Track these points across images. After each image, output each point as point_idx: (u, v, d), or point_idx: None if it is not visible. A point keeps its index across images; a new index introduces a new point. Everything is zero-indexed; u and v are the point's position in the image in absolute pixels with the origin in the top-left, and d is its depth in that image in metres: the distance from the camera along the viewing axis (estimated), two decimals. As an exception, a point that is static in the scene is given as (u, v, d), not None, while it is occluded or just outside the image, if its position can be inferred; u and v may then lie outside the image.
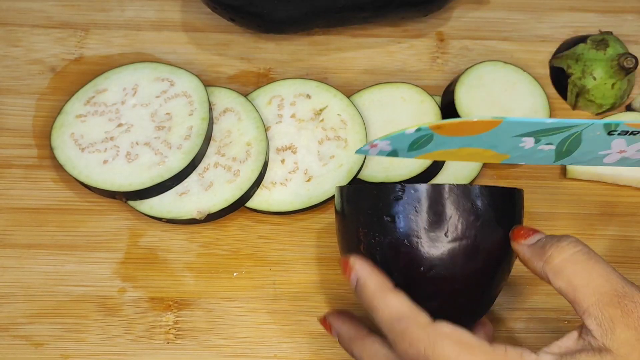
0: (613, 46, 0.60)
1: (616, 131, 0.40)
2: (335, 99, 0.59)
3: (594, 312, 0.39)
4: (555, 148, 0.42)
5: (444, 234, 0.43)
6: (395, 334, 0.41)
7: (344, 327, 0.47)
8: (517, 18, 0.67)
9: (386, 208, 0.44)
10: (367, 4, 0.62)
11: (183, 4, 0.67)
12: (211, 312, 0.53)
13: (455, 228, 0.43)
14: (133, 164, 0.55)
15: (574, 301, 0.40)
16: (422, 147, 0.44)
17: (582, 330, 0.40)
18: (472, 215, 0.43)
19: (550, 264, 0.41)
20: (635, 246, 0.56)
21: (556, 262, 0.41)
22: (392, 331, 0.41)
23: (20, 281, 0.54)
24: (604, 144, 0.42)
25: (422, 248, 0.43)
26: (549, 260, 0.41)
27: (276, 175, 0.57)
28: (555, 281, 0.41)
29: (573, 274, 0.40)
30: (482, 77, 0.60)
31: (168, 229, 0.56)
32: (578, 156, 0.43)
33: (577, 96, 0.61)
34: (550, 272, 0.41)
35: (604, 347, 0.39)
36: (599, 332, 0.39)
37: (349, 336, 0.47)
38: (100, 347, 0.51)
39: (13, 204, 0.57)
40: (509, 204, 0.45)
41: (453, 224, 0.43)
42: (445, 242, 0.43)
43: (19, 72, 0.63)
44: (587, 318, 0.40)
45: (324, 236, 0.56)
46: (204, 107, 0.57)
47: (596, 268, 0.40)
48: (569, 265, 0.41)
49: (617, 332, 0.39)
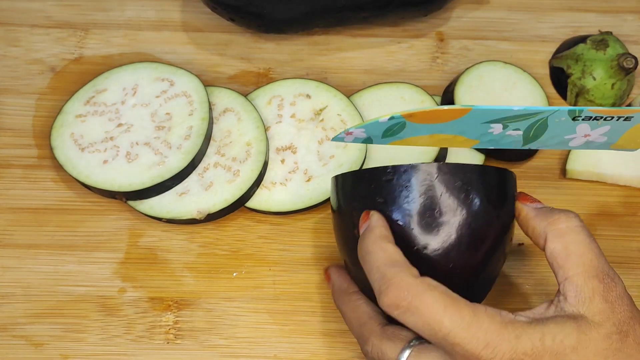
0: (613, 46, 0.60)
1: (580, 117, 0.42)
2: (335, 99, 0.59)
3: (577, 280, 0.41)
4: (522, 133, 0.44)
5: (436, 212, 0.43)
6: (384, 280, 0.41)
7: (338, 280, 0.49)
8: (517, 18, 0.67)
9: (378, 190, 0.44)
10: (367, 3, 0.62)
11: (183, 4, 0.67)
12: (211, 312, 0.53)
13: (447, 206, 0.43)
14: (133, 164, 0.55)
15: (562, 265, 0.42)
16: (395, 134, 0.45)
17: (554, 300, 0.42)
18: (462, 192, 0.43)
19: (555, 225, 0.43)
20: (634, 246, 0.56)
21: (561, 226, 0.43)
22: (383, 277, 0.41)
23: (20, 281, 0.54)
24: (570, 129, 0.44)
25: (415, 227, 0.43)
26: (554, 222, 0.43)
27: (276, 175, 0.57)
28: (553, 242, 0.43)
29: (572, 241, 0.42)
30: (482, 77, 0.60)
31: (168, 229, 0.56)
32: (545, 140, 0.45)
33: (577, 96, 0.61)
34: (551, 233, 0.43)
35: (579, 313, 0.40)
36: (577, 299, 0.41)
37: (340, 289, 0.48)
38: (100, 347, 0.51)
39: (13, 204, 0.57)
40: (500, 183, 0.45)
41: (444, 202, 0.43)
42: (438, 220, 0.43)
43: (19, 72, 0.63)
44: (568, 284, 0.41)
45: (324, 236, 0.56)
46: (204, 107, 0.57)
47: (592, 246, 0.42)
48: (571, 233, 0.43)
49: (595, 302, 0.40)
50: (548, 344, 0.39)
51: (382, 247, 0.42)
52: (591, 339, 0.39)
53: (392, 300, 0.40)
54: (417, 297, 0.39)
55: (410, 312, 0.39)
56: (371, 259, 0.42)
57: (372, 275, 0.42)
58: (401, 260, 0.42)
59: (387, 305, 0.40)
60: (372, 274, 0.42)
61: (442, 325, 0.39)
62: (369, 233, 0.43)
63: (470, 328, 0.39)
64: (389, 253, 0.42)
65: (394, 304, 0.40)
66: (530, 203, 0.45)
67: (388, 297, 0.40)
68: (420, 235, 0.43)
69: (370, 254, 0.42)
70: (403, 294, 0.40)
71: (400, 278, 0.40)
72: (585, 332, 0.40)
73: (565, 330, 0.40)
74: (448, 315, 0.39)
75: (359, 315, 0.46)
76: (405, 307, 0.40)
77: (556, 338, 0.39)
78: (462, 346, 0.39)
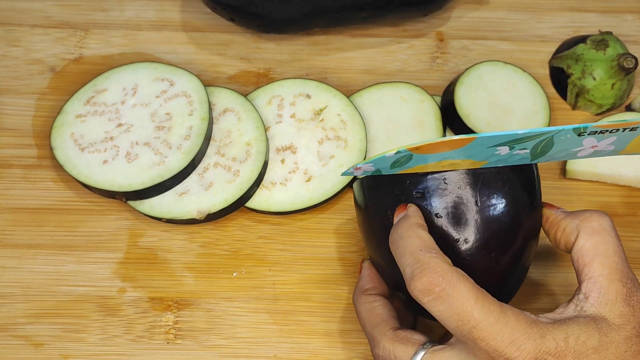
0: (613, 46, 0.60)
1: (585, 132, 0.42)
2: (335, 98, 0.59)
3: (602, 282, 0.41)
4: (529, 151, 0.45)
5: (475, 203, 0.44)
6: (419, 264, 0.40)
7: (365, 277, 0.49)
8: (517, 18, 0.67)
9: (414, 184, 0.44)
10: (367, 4, 0.62)
11: (183, 3, 0.67)
12: (211, 312, 0.53)
13: (484, 199, 0.44)
14: (133, 164, 0.55)
15: (588, 264, 0.42)
16: (403, 164, 0.46)
17: (574, 299, 0.42)
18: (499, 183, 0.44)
19: (588, 222, 0.43)
20: (635, 247, 0.56)
21: (594, 224, 0.43)
22: (417, 261, 0.40)
23: (20, 281, 0.54)
24: (576, 143, 0.45)
25: (455, 219, 0.44)
26: (587, 220, 0.43)
27: (276, 175, 0.57)
28: (584, 239, 0.43)
29: (602, 241, 0.43)
30: (482, 77, 0.60)
31: (168, 229, 0.56)
32: (553, 154, 0.46)
33: (577, 96, 0.61)
34: (584, 230, 0.43)
35: (600, 315, 0.41)
36: (599, 300, 0.41)
37: (362, 288, 0.48)
38: (100, 347, 0.51)
39: (13, 204, 0.57)
40: (534, 177, 0.46)
41: (481, 195, 0.44)
42: (476, 211, 0.43)
43: (19, 72, 0.63)
44: (592, 284, 0.42)
45: (324, 236, 0.56)
46: (204, 107, 0.57)
47: (619, 249, 0.43)
48: (603, 232, 0.43)
49: (617, 304, 0.41)
50: (571, 344, 0.39)
51: (417, 233, 0.42)
52: (612, 340, 0.40)
53: (424, 285, 0.40)
54: (450, 285, 0.39)
55: (442, 300, 0.39)
56: (405, 244, 0.42)
57: (404, 259, 0.41)
58: (436, 248, 0.42)
59: (419, 290, 0.40)
60: (404, 258, 0.41)
61: (472, 316, 0.39)
62: (405, 220, 0.43)
63: (498, 323, 0.39)
64: (424, 239, 0.42)
65: (427, 289, 0.40)
66: (557, 209, 0.46)
67: (421, 282, 0.40)
68: (461, 227, 0.44)
69: (404, 239, 0.42)
70: (437, 279, 0.39)
71: (435, 263, 0.40)
72: (606, 334, 0.40)
73: (587, 332, 0.40)
74: (478, 307, 0.39)
75: (373, 317, 0.46)
76: (437, 293, 0.39)
77: (579, 339, 0.39)
78: (487, 341, 0.39)
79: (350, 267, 0.55)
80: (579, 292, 0.42)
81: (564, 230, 0.44)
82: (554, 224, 0.45)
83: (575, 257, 0.43)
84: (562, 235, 0.44)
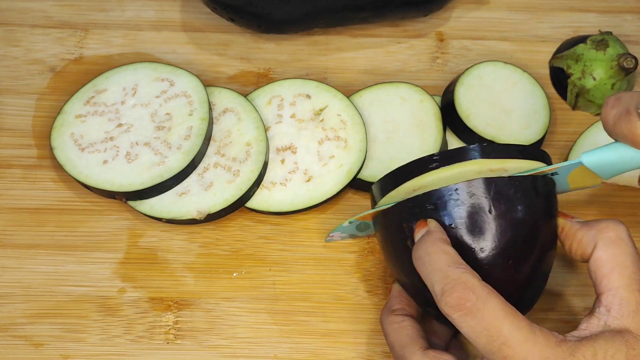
0: (613, 46, 0.60)
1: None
2: (335, 99, 0.59)
3: (622, 293, 0.41)
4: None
5: (489, 211, 0.43)
6: (449, 280, 0.40)
7: (395, 298, 0.49)
8: (517, 18, 0.67)
9: (427, 196, 0.45)
10: (367, 4, 0.62)
11: (183, 4, 0.67)
12: (211, 312, 0.53)
13: (499, 206, 0.43)
14: (133, 164, 0.55)
15: (607, 275, 0.42)
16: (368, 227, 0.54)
17: (596, 312, 0.42)
18: (512, 189, 0.44)
19: (605, 233, 0.43)
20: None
21: (610, 234, 0.43)
22: (447, 277, 0.40)
23: (20, 281, 0.54)
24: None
25: (469, 229, 0.43)
26: (603, 230, 0.43)
27: (276, 176, 0.57)
28: (602, 250, 0.42)
29: (619, 252, 0.42)
30: (482, 77, 0.60)
31: (168, 229, 0.56)
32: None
33: (577, 96, 0.61)
34: (601, 241, 0.43)
35: (625, 327, 0.40)
36: (622, 312, 0.41)
37: (390, 308, 0.48)
38: (100, 347, 0.51)
39: (13, 204, 0.57)
40: (548, 183, 0.46)
41: (496, 202, 0.44)
42: (490, 219, 0.43)
43: (19, 72, 0.63)
44: (612, 296, 0.41)
45: (324, 236, 0.56)
46: (204, 107, 0.57)
47: (636, 258, 0.42)
48: (621, 242, 0.43)
49: (639, 315, 0.41)
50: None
51: (444, 249, 0.42)
52: (639, 353, 0.40)
53: (456, 300, 0.39)
54: (481, 300, 0.39)
55: (472, 315, 0.39)
56: (432, 260, 0.42)
57: (432, 276, 0.41)
58: (464, 263, 0.42)
59: (451, 305, 0.40)
60: (432, 274, 0.41)
61: (501, 332, 0.39)
62: (428, 236, 0.43)
63: (527, 342, 0.39)
64: (450, 255, 0.42)
65: (458, 305, 0.39)
66: (571, 218, 0.45)
67: (452, 298, 0.40)
68: (477, 236, 0.44)
69: (431, 256, 0.42)
70: (468, 294, 0.39)
71: (466, 279, 0.40)
72: (633, 347, 0.40)
73: (615, 346, 0.40)
74: (508, 324, 0.39)
75: (402, 337, 0.46)
76: (468, 308, 0.39)
77: (607, 354, 0.39)
78: (516, 359, 0.39)
79: (350, 268, 0.55)
80: (600, 305, 0.42)
81: (580, 241, 0.44)
82: (570, 234, 0.45)
83: (592, 269, 0.43)
84: (578, 246, 0.44)
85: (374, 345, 0.52)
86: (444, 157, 0.45)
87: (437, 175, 0.46)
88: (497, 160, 0.46)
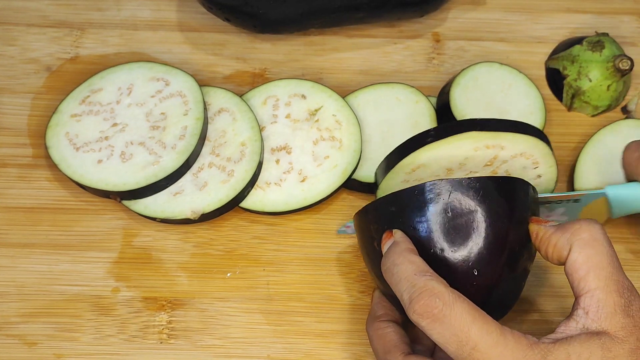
0: (609, 48, 0.60)
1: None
2: (330, 99, 0.59)
3: (599, 295, 0.41)
4: None
5: (447, 213, 0.43)
6: (415, 289, 0.40)
7: (376, 305, 0.49)
8: (513, 19, 0.67)
9: (390, 198, 0.45)
10: (363, 4, 0.62)
11: (179, 3, 0.67)
12: (204, 312, 0.53)
13: (463, 209, 0.43)
14: (127, 164, 0.55)
15: (583, 278, 0.41)
16: None
17: (574, 315, 0.41)
18: (476, 194, 0.43)
19: (579, 235, 0.42)
20: (637, 249, 0.56)
21: (585, 235, 0.42)
22: (414, 286, 0.40)
23: (14, 280, 0.54)
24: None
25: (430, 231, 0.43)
26: (577, 233, 0.42)
27: (270, 176, 0.57)
28: (577, 253, 0.42)
29: (594, 253, 0.42)
30: (478, 78, 0.60)
31: (162, 228, 0.56)
32: None
33: (573, 97, 0.61)
34: (576, 242, 0.42)
35: (602, 329, 0.40)
36: (599, 314, 0.40)
37: (374, 315, 0.48)
38: (94, 346, 0.51)
39: (7, 203, 0.57)
40: (512, 191, 0.45)
41: (459, 205, 0.43)
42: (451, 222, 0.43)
43: (15, 71, 0.63)
44: (589, 298, 0.41)
45: (318, 237, 0.56)
46: (199, 107, 0.57)
47: (612, 259, 0.42)
48: (596, 243, 0.42)
49: (617, 316, 0.40)
50: None
51: (410, 258, 0.42)
52: (616, 355, 0.39)
53: (422, 308, 0.40)
54: (448, 306, 0.39)
55: (440, 322, 0.39)
56: (399, 270, 0.42)
57: (400, 285, 0.41)
58: (430, 270, 0.42)
59: (418, 313, 0.40)
60: (400, 284, 0.41)
61: (470, 337, 0.39)
62: (395, 247, 0.43)
63: (498, 345, 0.39)
64: (417, 264, 0.42)
65: (425, 312, 0.39)
66: (545, 223, 0.45)
67: (419, 305, 0.40)
68: (437, 238, 0.44)
69: (398, 266, 0.42)
70: (434, 302, 0.39)
71: (432, 286, 0.40)
72: (609, 349, 0.39)
73: (590, 349, 0.39)
74: (476, 328, 0.39)
75: (385, 343, 0.46)
76: (435, 315, 0.39)
77: (581, 357, 0.39)
78: None
79: (344, 268, 0.55)
80: (578, 307, 0.41)
81: (555, 245, 0.43)
82: (544, 239, 0.44)
83: (569, 272, 0.42)
84: (554, 250, 0.43)
85: (367, 346, 0.51)
86: (439, 131, 0.45)
87: (434, 151, 0.45)
88: (492, 134, 0.45)
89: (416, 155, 0.47)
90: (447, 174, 0.50)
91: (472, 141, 0.45)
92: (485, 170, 0.51)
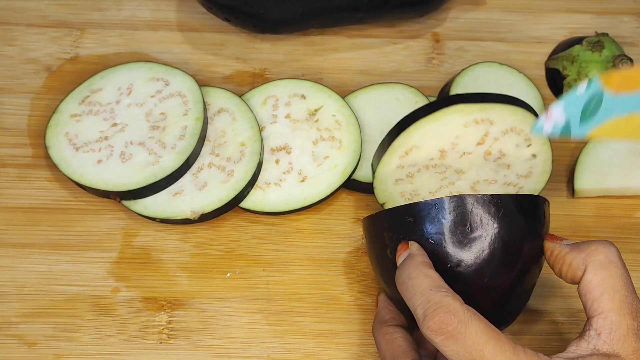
0: (609, 48, 0.60)
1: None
2: (330, 99, 0.59)
3: (612, 317, 0.41)
4: None
5: (467, 228, 0.43)
6: (430, 304, 0.40)
7: (383, 310, 0.49)
8: (513, 19, 0.67)
9: (406, 209, 0.45)
10: (363, 4, 0.62)
11: (179, 3, 0.67)
12: (204, 312, 0.53)
13: (478, 220, 0.43)
14: (127, 164, 0.55)
15: (597, 299, 0.42)
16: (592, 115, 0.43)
17: (586, 335, 0.41)
18: (492, 206, 0.44)
19: (594, 257, 0.42)
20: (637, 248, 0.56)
21: (600, 257, 0.42)
22: (429, 301, 0.40)
23: (13, 280, 0.54)
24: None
25: (447, 244, 0.44)
26: (593, 254, 0.42)
27: (270, 176, 0.57)
28: (592, 274, 0.42)
29: (609, 275, 0.42)
30: (478, 78, 0.60)
31: (162, 228, 0.56)
32: None
33: (573, 98, 0.61)
34: (592, 264, 0.42)
35: (613, 352, 0.40)
36: (611, 337, 0.40)
37: (381, 319, 0.48)
38: (94, 346, 0.51)
39: (7, 203, 0.57)
40: (532, 209, 0.45)
41: (475, 217, 0.43)
42: (470, 235, 0.43)
43: (14, 71, 0.63)
44: (602, 320, 0.41)
45: (318, 237, 0.56)
46: (199, 107, 0.57)
47: (627, 281, 0.42)
48: (611, 265, 0.42)
49: (629, 340, 0.40)
50: None
51: (426, 273, 0.42)
52: None
53: (437, 324, 0.39)
54: (462, 323, 0.39)
55: (454, 339, 0.39)
56: (414, 284, 0.42)
57: (414, 299, 0.41)
58: (446, 286, 0.41)
59: (433, 329, 0.39)
60: (414, 298, 0.41)
61: (484, 356, 0.39)
62: (410, 260, 0.43)
63: None
64: (432, 279, 0.42)
65: (439, 328, 0.39)
66: (560, 241, 0.45)
67: (434, 321, 0.39)
68: (453, 251, 0.44)
69: (413, 279, 0.42)
70: (449, 319, 0.39)
71: (447, 302, 0.40)
72: None
73: None
74: (490, 347, 0.39)
75: (394, 348, 0.46)
76: (450, 332, 0.39)
77: None
78: None
79: (344, 268, 0.55)
80: (590, 328, 0.41)
81: (570, 264, 0.43)
82: (559, 258, 0.44)
83: (583, 292, 0.42)
84: (568, 269, 0.43)
85: (367, 346, 0.52)
86: (427, 107, 0.47)
87: (424, 129, 0.45)
88: (480, 107, 0.46)
89: (408, 135, 0.47)
90: (441, 157, 0.50)
91: (461, 115, 0.46)
92: (479, 149, 0.51)
